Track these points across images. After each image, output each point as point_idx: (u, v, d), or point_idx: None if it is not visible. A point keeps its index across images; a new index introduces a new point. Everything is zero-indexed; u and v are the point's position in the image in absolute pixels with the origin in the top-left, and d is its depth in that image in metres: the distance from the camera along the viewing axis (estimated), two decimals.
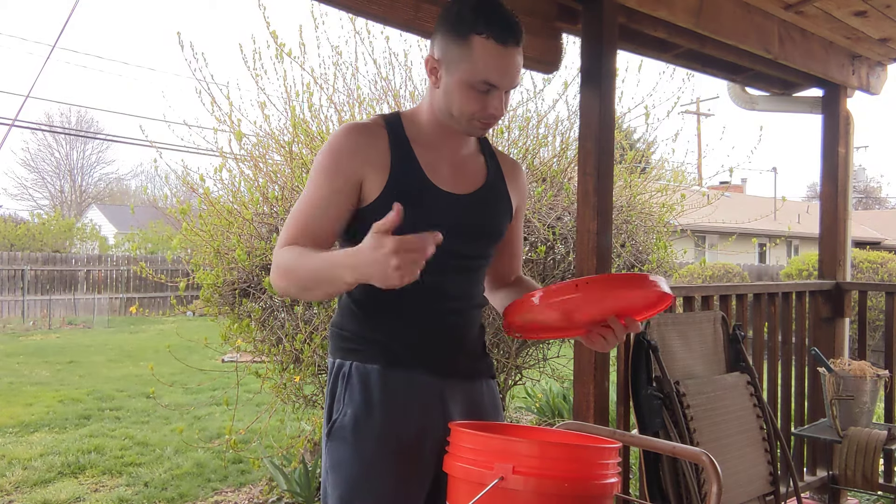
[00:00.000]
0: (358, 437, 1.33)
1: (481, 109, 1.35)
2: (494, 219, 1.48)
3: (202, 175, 3.85)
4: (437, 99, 1.39)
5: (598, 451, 1.19)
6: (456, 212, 1.40)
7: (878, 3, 2.73)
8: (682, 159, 14.00)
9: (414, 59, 4.11)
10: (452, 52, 1.34)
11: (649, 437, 1.54)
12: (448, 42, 1.35)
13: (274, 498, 3.79)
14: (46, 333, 12.44)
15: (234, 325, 3.65)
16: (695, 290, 2.87)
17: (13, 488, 4.03)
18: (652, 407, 2.37)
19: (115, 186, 38.58)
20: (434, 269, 1.26)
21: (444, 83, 1.37)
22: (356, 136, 1.38)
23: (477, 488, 1.12)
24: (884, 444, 2.68)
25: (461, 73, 1.33)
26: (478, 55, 1.32)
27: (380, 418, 1.33)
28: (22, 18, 56.99)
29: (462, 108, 1.35)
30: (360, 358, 1.37)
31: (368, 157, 1.36)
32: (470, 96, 1.34)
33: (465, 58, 1.32)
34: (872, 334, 6.93)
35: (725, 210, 16.63)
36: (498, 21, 1.32)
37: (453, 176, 1.43)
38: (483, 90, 1.33)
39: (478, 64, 1.31)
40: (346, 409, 1.35)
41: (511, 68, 1.34)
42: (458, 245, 1.37)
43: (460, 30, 1.33)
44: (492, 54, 1.31)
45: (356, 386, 1.36)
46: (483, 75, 1.32)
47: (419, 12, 2.18)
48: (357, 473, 1.33)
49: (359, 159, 1.35)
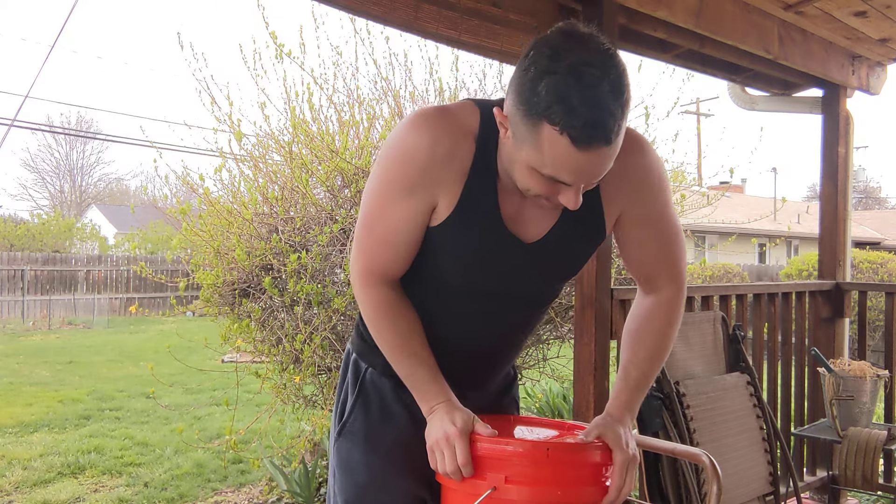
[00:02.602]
0: (370, 446, 1.31)
1: (551, 195, 1.08)
2: (557, 266, 1.26)
3: (202, 175, 3.85)
4: (503, 153, 1.12)
5: (590, 454, 1.16)
6: (511, 259, 1.20)
7: (878, 4, 2.73)
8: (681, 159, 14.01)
9: (414, 59, 4.11)
10: (520, 127, 1.03)
11: (649, 438, 1.54)
12: (516, 111, 1.02)
13: (274, 498, 3.78)
14: (46, 334, 12.44)
15: (233, 325, 3.65)
16: (695, 290, 2.87)
17: (13, 488, 4.03)
18: (652, 407, 2.37)
19: (115, 186, 38.59)
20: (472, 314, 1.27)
21: (510, 148, 1.08)
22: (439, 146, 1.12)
23: (470, 498, 1.12)
24: (884, 445, 2.68)
25: (527, 157, 1.04)
26: (548, 149, 1.00)
27: (393, 431, 1.31)
28: (22, 18, 57.01)
29: (526, 187, 1.09)
30: (377, 367, 1.33)
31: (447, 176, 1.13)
32: (536, 180, 1.06)
33: (533, 143, 1.01)
34: (872, 334, 6.93)
35: (725, 210, 16.62)
36: (583, 116, 0.96)
37: (527, 213, 1.17)
38: (551, 181, 1.05)
39: (547, 158, 1.01)
40: (358, 415, 1.32)
41: (592, 170, 1.02)
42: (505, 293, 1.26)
43: (531, 107, 0.99)
44: (565, 154, 0.99)
45: (371, 394, 1.33)
46: (553, 171, 1.03)
47: (419, 13, 2.18)
48: (366, 481, 1.30)
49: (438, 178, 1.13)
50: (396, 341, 1.23)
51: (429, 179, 1.13)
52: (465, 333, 1.30)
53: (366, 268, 1.22)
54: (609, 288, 2.43)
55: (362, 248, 1.22)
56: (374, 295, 1.23)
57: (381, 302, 1.23)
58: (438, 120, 1.14)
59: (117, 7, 66.12)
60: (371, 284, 1.23)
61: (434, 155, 1.12)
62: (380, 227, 1.19)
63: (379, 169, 1.18)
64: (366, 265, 1.22)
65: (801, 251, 21.70)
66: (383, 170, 1.17)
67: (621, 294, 2.49)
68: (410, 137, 1.13)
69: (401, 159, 1.14)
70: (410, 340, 1.23)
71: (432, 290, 1.26)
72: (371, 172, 1.21)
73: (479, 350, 1.33)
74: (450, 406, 1.19)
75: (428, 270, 1.24)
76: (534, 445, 1.15)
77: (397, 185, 1.15)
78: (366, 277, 1.23)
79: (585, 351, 2.38)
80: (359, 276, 1.23)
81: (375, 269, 1.22)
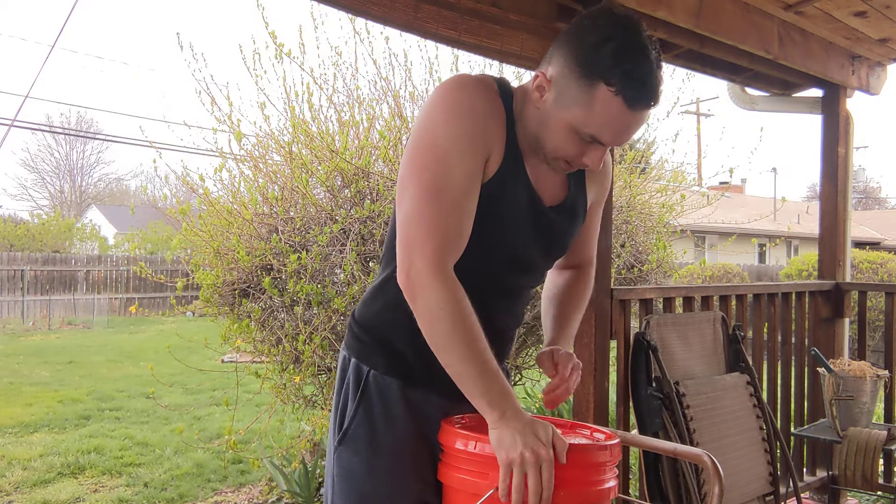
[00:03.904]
0: (373, 454, 1.26)
1: (577, 156, 1.18)
2: (565, 232, 1.33)
3: (202, 175, 3.85)
4: (532, 118, 1.20)
5: (592, 454, 1.15)
6: (536, 222, 1.25)
7: (878, 4, 2.73)
8: (681, 159, 14.01)
9: (414, 59, 4.11)
10: (571, 88, 1.14)
11: (649, 438, 1.54)
12: (570, 73, 1.13)
13: (274, 498, 3.78)
14: (46, 334, 12.44)
15: (233, 325, 3.65)
16: (694, 290, 2.87)
17: (13, 489, 4.03)
18: (652, 407, 2.37)
19: (115, 187, 38.60)
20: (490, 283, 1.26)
21: (546, 110, 1.17)
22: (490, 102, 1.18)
23: (473, 498, 1.11)
24: (883, 445, 2.68)
25: (572, 116, 1.14)
26: (599, 108, 1.12)
27: (397, 435, 1.26)
28: (22, 18, 57.01)
29: (556, 148, 1.18)
30: (380, 368, 1.27)
31: (497, 134, 1.19)
32: (570, 140, 1.17)
33: (584, 103, 1.13)
34: (872, 334, 6.93)
35: (725, 210, 16.62)
36: (639, 80, 1.11)
37: (545, 181, 1.27)
38: (588, 140, 1.16)
39: (595, 117, 1.13)
40: (361, 421, 1.27)
41: (631, 131, 1.16)
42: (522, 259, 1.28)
43: (590, 70, 1.11)
44: (615, 113, 1.12)
45: (374, 398, 1.27)
46: (596, 130, 1.14)
47: (419, 13, 2.17)
48: (369, 490, 1.26)
49: (493, 133, 1.18)
50: (474, 343, 1.12)
51: (487, 131, 1.17)
52: (494, 306, 1.27)
53: (439, 248, 1.10)
54: (609, 288, 2.43)
55: (432, 223, 1.11)
56: (452, 287, 1.11)
57: (460, 298, 1.11)
58: (478, 81, 1.20)
59: (117, 7, 66.15)
60: (444, 272, 1.11)
61: (487, 108, 1.17)
62: (450, 192, 1.12)
63: (435, 131, 1.14)
64: (438, 244, 1.10)
65: (801, 251, 21.71)
66: (445, 129, 1.14)
67: (621, 294, 2.49)
68: (462, 95, 1.16)
69: (463, 114, 1.15)
70: (482, 338, 1.13)
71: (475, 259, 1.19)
72: (414, 142, 1.17)
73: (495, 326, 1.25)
74: (523, 414, 1.10)
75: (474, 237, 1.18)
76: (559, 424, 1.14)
77: (463, 140, 1.13)
78: (439, 262, 1.10)
79: (585, 351, 2.38)
80: (430, 262, 1.10)
81: (450, 249, 1.12)
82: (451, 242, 1.12)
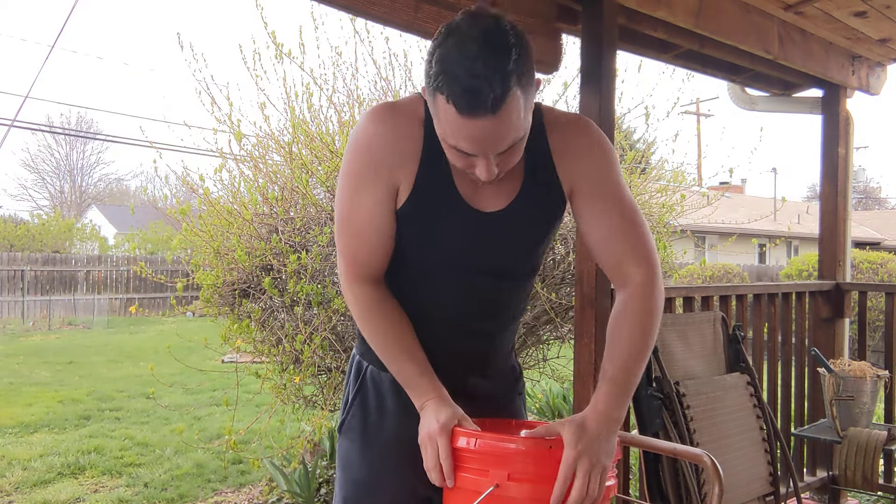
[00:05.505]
0: (366, 442, 1.33)
1: (468, 168, 1.14)
2: (524, 235, 1.30)
3: (202, 175, 3.85)
4: None
5: None
6: (477, 231, 1.25)
7: (878, 4, 2.73)
8: (681, 160, 14.00)
9: (414, 59, 4.11)
10: (429, 103, 1.11)
11: (649, 438, 1.54)
12: (425, 88, 1.10)
13: (274, 498, 3.78)
14: (46, 334, 12.44)
15: (233, 325, 3.65)
16: (694, 290, 2.87)
17: (13, 489, 4.03)
18: (652, 407, 2.37)
19: (115, 187, 38.61)
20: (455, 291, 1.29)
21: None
22: (391, 131, 1.20)
23: (473, 495, 1.12)
24: (884, 445, 2.68)
25: (440, 130, 1.11)
26: (444, 119, 1.07)
27: (389, 426, 1.32)
28: (22, 18, 57.02)
29: (452, 161, 1.16)
30: (376, 364, 1.34)
31: (402, 159, 1.20)
32: (452, 153, 1.13)
33: (436, 115, 1.09)
34: (872, 335, 6.93)
35: (725, 210, 16.61)
36: (461, 83, 1.01)
37: (485, 190, 1.22)
38: (462, 152, 1.10)
39: (448, 128, 1.08)
40: (356, 412, 1.35)
41: (484, 137, 1.06)
42: (480, 266, 1.28)
43: (428, 81, 1.07)
44: (456, 122, 1.05)
45: (369, 391, 1.34)
46: (454, 142, 1.09)
47: (419, 13, 2.18)
48: (363, 478, 1.32)
49: (395, 161, 1.19)
50: (385, 339, 1.26)
51: (387, 163, 1.20)
52: (455, 312, 1.32)
53: (349, 266, 1.27)
54: (609, 288, 2.43)
55: (343, 246, 1.27)
56: (360, 294, 1.27)
57: (368, 300, 1.27)
58: (388, 110, 1.22)
59: (117, 7, 66.19)
60: (357, 283, 1.27)
61: (387, 140, 1.19)
62: (354, 222, 1.24)
63: (343, 167, 1.25)
64: (349, 263, 1.27)
65: (801, 251, 21.70)
66: (347, 165, 1.24)
67: None
68: (364, 129, 1.22)
69: (359, 150, 1.21)
70: (399, 337, 1.26)
71: (418, 271, 1.30)
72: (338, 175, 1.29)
73: (471, 329, 1.33)
74: (439, 402, 1.21)
75: (409, 253, 1.28)
76: (536, 443, 1.15)
77: (361, 176, 1.21)
78: (351, 276, 1.27)
79: (585, 351, 2.38)
80: (345, 275, 1.28)
81: (359, 266, 1.26)
82: (360, 261, 1.26)
